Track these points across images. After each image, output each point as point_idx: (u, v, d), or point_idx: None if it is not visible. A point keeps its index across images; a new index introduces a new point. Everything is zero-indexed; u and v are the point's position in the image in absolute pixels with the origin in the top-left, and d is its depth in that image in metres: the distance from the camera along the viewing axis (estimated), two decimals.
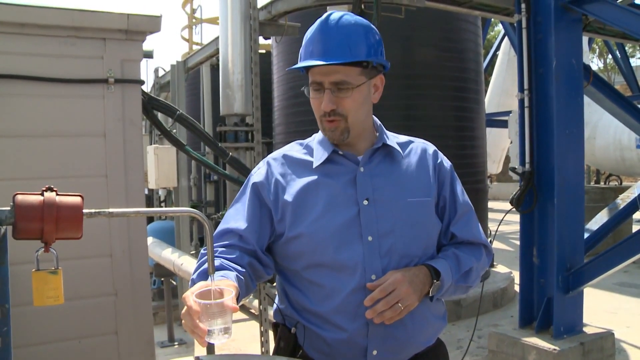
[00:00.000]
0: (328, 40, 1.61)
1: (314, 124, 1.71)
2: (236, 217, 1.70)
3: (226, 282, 1.44)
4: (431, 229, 1.73)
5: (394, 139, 1.78)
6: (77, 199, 1.39)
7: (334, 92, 1.61)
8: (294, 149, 1.80)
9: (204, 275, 1.52)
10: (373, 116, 1.78)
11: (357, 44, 1.61)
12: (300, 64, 1.64)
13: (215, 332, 1.33)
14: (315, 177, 1.68)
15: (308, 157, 1.73)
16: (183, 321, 1.36)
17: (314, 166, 1.69)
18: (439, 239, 1.77)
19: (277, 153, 1.79)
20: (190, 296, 1.36)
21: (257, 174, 1.75)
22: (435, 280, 1.63)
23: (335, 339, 1.63)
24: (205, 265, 1.51)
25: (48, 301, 1.42)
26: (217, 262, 1.56)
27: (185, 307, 1.35)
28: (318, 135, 1.78)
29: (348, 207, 1.64)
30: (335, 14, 1.64)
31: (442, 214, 1.77)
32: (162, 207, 8.27)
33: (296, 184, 1.68)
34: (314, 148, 1.75)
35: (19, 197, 1.35)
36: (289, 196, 1.66)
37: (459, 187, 1.81)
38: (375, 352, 1.62)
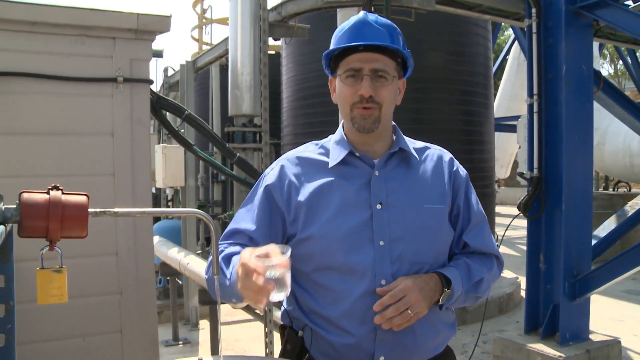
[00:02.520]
0: (370, 29, 1.64)
1: (322, 125, 1.70)
2: (246, 218, 1.70)
3: (272, 246, 1.45)
4: (443, 236, 1.72)
5: (410, 144, 1.77)
6: (83, 198, 1.39)
7: (371, 80, 1.61)
8: (308, 149, 1.79)
9: (227, 261, 1.60)
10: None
11: (394, 36, 1.66)
12: (355, 43, 1.62)
13: (276, 290, 1.38)
14: (330, 178, 1.67)
15: (324, 158, 1.72)
16: (242, 286, 1.40)
17: (330, 166, 1.69)
18: (451, 247, 1.76)
19: (291, 154, 1.78)
20: (250, 258, 1.38)
21: (270, 175, 1.74)
22: (445, 289, 1.62)
23: (343, 344, 1.62)
24: (228, 251, 1.59)
25: (52, 299, 1.42)
26: (232, 249, 1.62)
27: (244, 273, 1.38)
28: (334, 136, 1.77)
29: (361, 211, 1.63)
30: (371, 14, 1.69)
31: (455, 223, 1.76)
32: (169, 206, 8.29)
33: (310, 185, 1.67)
34: (330, 148, 1.74)
35: (25, 196, 1.35)
36: (302, 197, 1.66)
37: (474, 197, 1.80)
38: (382, 359, 1.61)
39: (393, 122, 1.78)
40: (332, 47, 1.69)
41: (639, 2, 5.57)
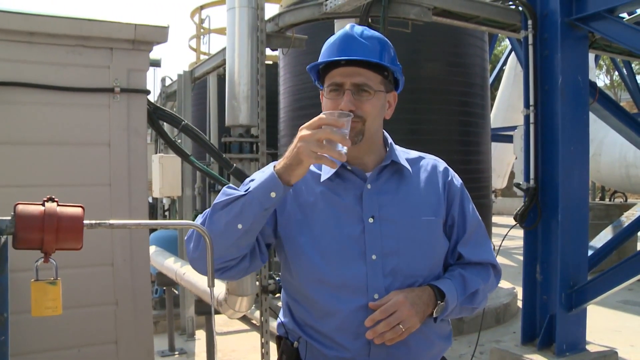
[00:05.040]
0: (354, 43, 1.62)
1: None
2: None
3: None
4: (438, 248, 1.71)
5: (404, 154, 1.76)
6: (78, 210, 1.39)
7: (354, 95, 1.60)
8: None
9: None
10: (384, 132, 1.76)
11: (381, 52, 1.64)
12: (333, 58, 1.62)
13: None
14: (322, 191, 1.66)
15: (316, 170, 1.71)
16: (319, 135, 1.42)
17: (322, 179, 1.67)
18: (446, 258, 1.75)
19: None
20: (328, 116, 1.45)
21: None
22: (439, 302, 1.61)
23: (337, 357, 1.61)
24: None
25: (46, 312, 1.42)
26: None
27: (321, 126, 1.43)
28: None
29: (353, 224, 1.62)
30: (357, 26, 1.68)
31: (450, 233, 1.75)
32: (166, 215, 8.28)
33: (303, 196, 1.66)
34: None
35: (20, 207, 1.35)
36: (294, 207, 1.66)
37: (470, 206, 1.78)
38: None
39: (386, 134, 1.77)
40: (322, 52, 1.69)
41: (633, 15, 5.61)
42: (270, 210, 1.52)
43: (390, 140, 1.77)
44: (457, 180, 1.80)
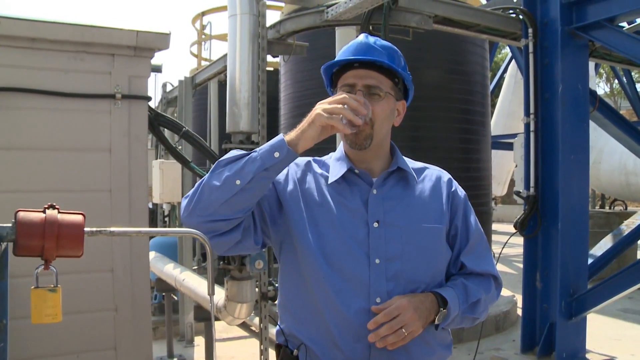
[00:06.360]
0: (368, 49, 1.67)
1: (320, 142, 1.70)
2: None
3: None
4: (440, 256, 1.72)
5: (409, 164, 1.79)
6: (79, 218, 1.39)
7: (364, 96, 1.63)
8: (310, 164, 1.80)
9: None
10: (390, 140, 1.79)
11: (393, 58, 1.69)
12: (348, 58, 1.66)
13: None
14: (328, 194, 1.68)
15: (325, 172, 1.73)
16: (339, 103, 1.51)
17: (329, 182, 1.69)
18: (448, 267, 1.76)
19: (299, 159, 1.76)
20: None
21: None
22: (441, 309, 1.62)
23: None
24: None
25: (46, 319, 1.42)
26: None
27: (343, 99, 1.52)
28: (335, 154, 1.78)
29: (357, 228, 1.64)
30: (371, 36, 1.73)
31: (453, 243, 1.76)
32: (166, 221, 8.27)
33: (311, 196, 1.68)
34: (330, 165, 1.75)
35: (21, 214, 1.35)
36: (302, 206, 1.67)
37: (473, 217, 1.80)
38: None
39: (391, 142, 1.79)
40: (338, 56, 1.72)
41: (633, 24, 5.62)
42: (271, 174, 1.55)
43: (396, 147, 1.80)
44: (461, 191, 1.82)
